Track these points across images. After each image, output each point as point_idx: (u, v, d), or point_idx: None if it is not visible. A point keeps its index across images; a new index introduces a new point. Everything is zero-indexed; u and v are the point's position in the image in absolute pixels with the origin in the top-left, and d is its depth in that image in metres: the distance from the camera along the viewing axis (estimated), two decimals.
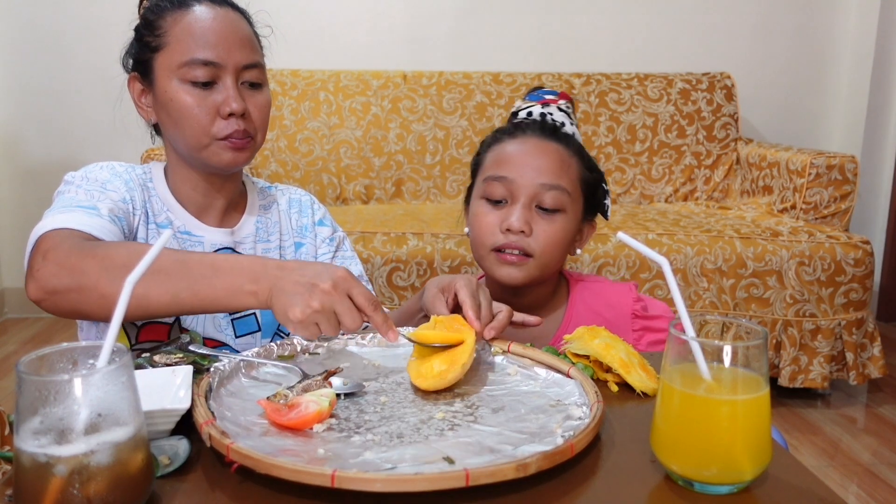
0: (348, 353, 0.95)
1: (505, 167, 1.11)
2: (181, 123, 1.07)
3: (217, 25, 1.07)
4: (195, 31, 1.06)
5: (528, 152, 1.11)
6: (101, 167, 1.12)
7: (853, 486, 1.96)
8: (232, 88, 1.07)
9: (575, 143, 1.15)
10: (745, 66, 3.23)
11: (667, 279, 0.71)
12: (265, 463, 0.62)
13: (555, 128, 1.15)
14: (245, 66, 1.08)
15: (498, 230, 1.09)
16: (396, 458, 0.66)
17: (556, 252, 1.11)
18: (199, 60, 1.05)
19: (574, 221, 1.13)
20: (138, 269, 0.70)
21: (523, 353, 0.92)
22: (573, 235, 1.14)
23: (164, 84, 1.07)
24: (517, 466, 0.62)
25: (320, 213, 1.29)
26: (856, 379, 2.42)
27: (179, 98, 1.06)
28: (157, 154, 2.28)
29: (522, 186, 1.09)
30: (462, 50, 3.16)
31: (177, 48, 1.06)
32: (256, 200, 1.24)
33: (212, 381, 0.79)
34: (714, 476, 0.64)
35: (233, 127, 1.07)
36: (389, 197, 2.92)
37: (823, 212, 2.56)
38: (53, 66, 3.06)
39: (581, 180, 1.13)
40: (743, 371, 0.65)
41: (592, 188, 1.16)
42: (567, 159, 1.12)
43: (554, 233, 1.09)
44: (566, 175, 1.11)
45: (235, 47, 1.07)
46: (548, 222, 1.10)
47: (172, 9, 1.08)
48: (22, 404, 0.56)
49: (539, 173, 1.09)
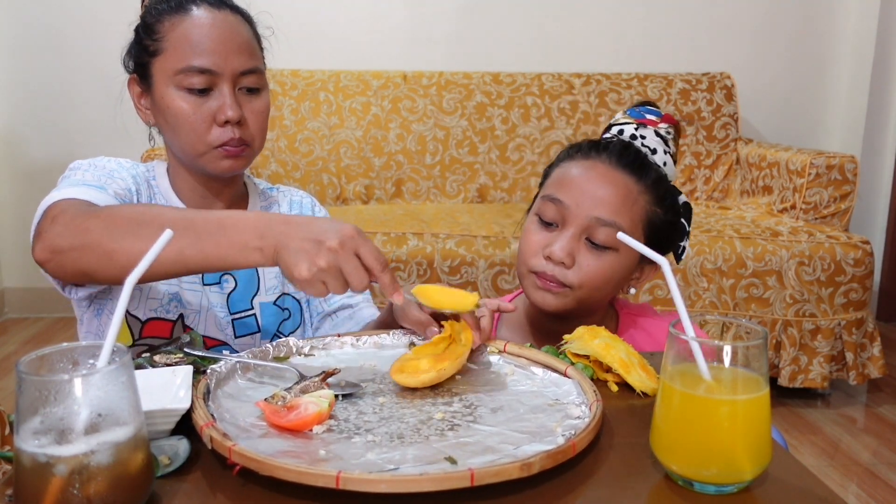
0: (344, 354, 0.95)
1: (564, 190, 1.03)
2: (178, 130, 1.07)
3: (214, 31, 1.05)
4: (192, 38, 1.05)
5: (592, 179, 1.03)
6: (109, 159, 1.13)
7: (853, 486, 1.96)
8: (228, 96, 1.06)
9: (652, 177, 1.04)
10: (745, 66, 3.23)
11: (667, 279, 0.71)
12: (268, 465, 0.61)
13: (637, 156, 1.05)
14: (242, 72, 1.07)
15: (541, 254, 1.03)
16: (398, 458, 0.66)
17: (599, 289, 1.04)
18: (195, 68, 1.04)
19: (627, 261, 1.04)
20: (139, 268, 0.70)
21: (520, 353, 0.92)
22: (624, 275, 1.05)
23: (161, 89, 1.06)
24: (521, 466, 0.62)
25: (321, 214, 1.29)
26: (856, 379, 2.42)
27: (176, 105, 1.05)
28: (158, 154, 2.28)
29: (575, 216, 1.01)
30: (462, 50, 3.16)
31: (173, 54, 1.05)
32: (258, 202, 1.24)
33: (209, 383, 0.79)
34: (714, 476, 0.64)
35: (228, 135, 1.06)
36: (389, 197, 2.92)
37: (823, 212, 2.56)
38: (53, 66, 3.06)
39: (646, 220, 1.04)
40: (743, 371, 0.65)
41: (661, 230, 1.06)
42: (635, 196, 1.03)
43: (599, 270, 1.02)
44: (628, 213, 1.02)
45: (233, 53, 1.06)
46: (595, 257, 1.02)
47: (170, 13, 1.07)
48: (22, 404, 0.56)
49: (596, 205, 1.01)
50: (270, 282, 1.20)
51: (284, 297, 1.21)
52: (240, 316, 1.16)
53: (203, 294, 1.13)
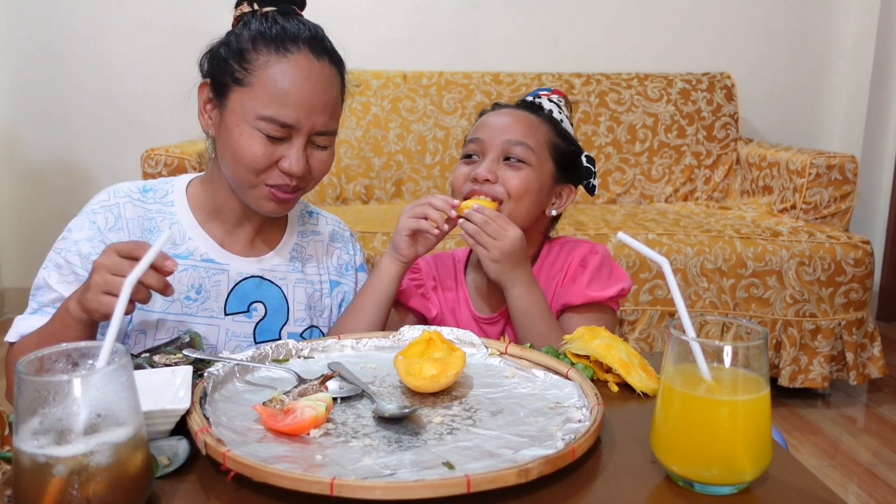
0: (344, 356, 0.95)
1: (479, 131, 1.24)
2: (238, 161, 1.03)
3: (307, 85, 1.01)
4: (283, 88, 1.00)
5: (499, 118, 1.24)
6: (88, 215, 1.09)
7: (853, 486, 1.96)
8: (299, 150, 1.03)
9: (547, 116, 1.25)
10: (745, 66, 3.23)
11: (667, 279, 0.71)
12: (262, 471, 0.61)
13: (531, 104, 1.26)
14: (319, 132, 1.05)
15: (468, 181, 1.20)
16: (395, 463, 0.66)
17: (524, 199, 1.18)
18: (279, 122, 1.00)
19: (541, 176, 1.20)
20: (138, 269, 0.70)
21: (521, 355, 0.92)
22: (543, 190, 1.21)
23: (235, 119, 1.02)
24: (519, 472, 0.62)
25: (360, 256, 1.27)
26: (856, 379, 2.42)
27: (246, 143, 1.01)
28: (158, 154, 2.28)
29: (491, 145, 1.20)
30: (462, 50, 3.16)
31: (259, 95, 1.00)
32: (297, 225, 1.21)
33: (206, 386, 0.78)
34: (714, 477, 0.64)
35: (284, 180, 1.04)
36: (389, 197, 2.92)
37: (823, 212, 2.56)
38: (53, 65, 3.05)
39: (549, 143, 1.22)
40: (743, 371, 0.65)
41: (565, 155, 1.24)
42: (535, 124, 1.22)
43: (520, 180, 1.18)
44: (533, 136, 1.21)
45: (317, 112, 1.03)
46: (514, 171, 1.19)
47: (268, 48, 1.02)
48: (21, 405, 0.56)
49: (506, 132, 1.20)
50: (299, 313, 1.17)
51: (312, 330, 1.19)
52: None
53: (220, 325, 1.11)
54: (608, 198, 2.99)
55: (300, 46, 1.03)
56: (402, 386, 0.85)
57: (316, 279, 1.20)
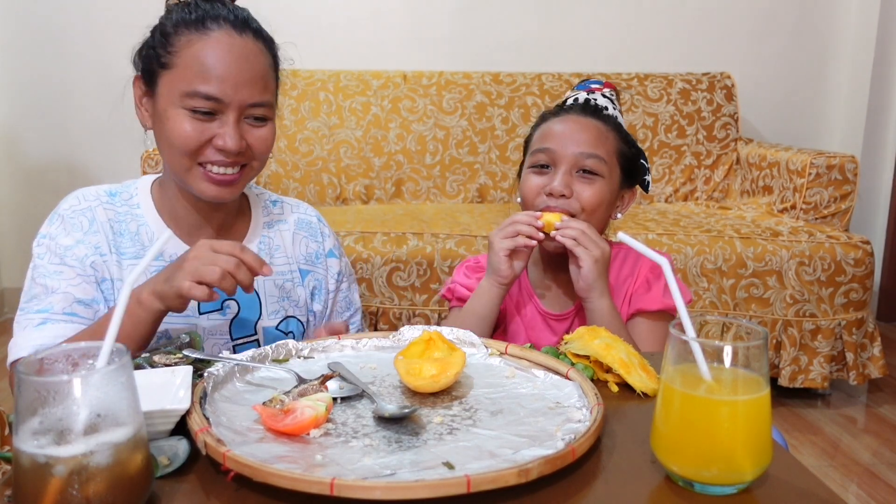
0: (344, 356, 0.95)
1: (549, 140, 1.23)
2: (172, 144, 1.04)
3: (230, 58, 1.02)
4: (204, 62, 1.02)
5: (569, 126, 1.23)
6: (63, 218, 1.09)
7: (853, 486, 1.96)
8: (231, 126, 1.03)
9: (613, 122, 1.26)
10: (745, 66, 3.22)
11: (667, 279, 0.71)
12: (262, 471, 0.61)
13: (596, 108, 1.27)
14: (251, 104, 1.05)
15: (542, 194, 1.21)
16: (395, 463, 0.66)
17: (597, 211, 1.21)
18: (202, 94, 1.01)
19: (612, 186, 1.23)
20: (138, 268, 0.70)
21: (521, 355, 0.92)
22: (612, 199, 1.24)
23: (165, 104, 1.04)
24: (519, 472, 0.62)
25: (330, 241, 1.27)
26: (856, 379, 2.42)
27: (177, 124, 1.03)
28: (158, 154, 2.28)
29: (564, 156, 1.20)
30: (462, 50, 3.16)
31: (183, 74, 1.02)
32: (261, 218, 1.21)
33: (206, 386, 0.78)
34: (714, 477, 0.64)
35: (221, 157, 1.04)
36: (389, 197, 2.92)
37: (823, 212, 2.56)
38: (53, 65, 3.05)
39: (618, 152, 1.24)
40: (743, 371, 0.65)
41: (629, 160, 1.26)
42: (605, 133, 1.23)
43: (594, 193, 1.20)
44: (603, 146, 1.22)
45: (244, 85, 1.03)
46: (587, 184, 1.20)
47: (189, 29, 1.04)
48: (21, 405, 0.56)
49: (578, 144, 1.20)
50: (272, 306, 1.18)
51: (288, 321, 1.20)
52: (242, 341, 1.16)
53: (197, 323, 1.12)
54: None
55: (220, 24, 1.05)
56: (402, 386, 0.85)
57: (286, 269, 1.21)
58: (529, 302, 1.29)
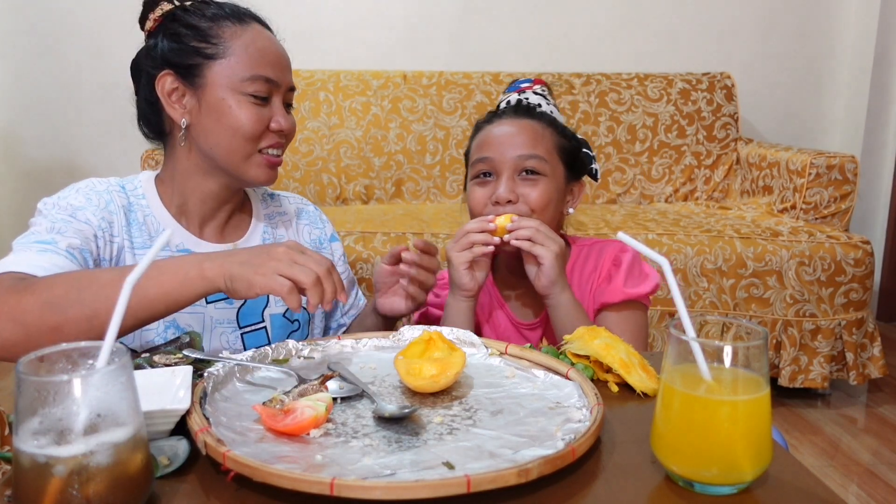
0: (344, 356, 0.95)
1: (486, 149, 1.22)
2: (236, 132, 1.07)
3: (275, 46, 1.12)
4: (260, 48, 1.09)
5: (505, 131, 1.22)
6: (79, 190, 1.09)
7: (853, 486, 1.96)
8: (281, 107, 1.11)
9: (548, 118, 1.25)
10: (745, 66, 3.23)
11: (667, 279, 0.71)
12: (262, 471, 0.61)
13: (528, 108, 1.26)
14: (290, 87, 1.13)
15: (489, 203, 1.20)
16: (395, 463, 0.66)
17: (547, 210, 1.20)
18: (264, 77, 1.08)
19: (557, 182, 1.22)
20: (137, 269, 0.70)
21: (521, 355, 0.92)
22: (560, 195, 1.23)
23: (220, 92, 1.07)
24: (519, 472, 0.62)
25: (329, 226, 1.31)
26: (856, 379, 2.42)
27: (238, 111, 1.07)
28: (158, 154, 2.28)
29: (503, 162, 1.19)
30: (462, 50, 3.16)
31: (240, 60, 1.07)
32: (261, 210, 1.24)
33: (206, 386, 0.78)
34: (714, 477, 0.64)
35: (276, 140, 1.11)
36: (389, 197, 2.92)
37: (823, 212, 2.56)
38: (53, 66, 3.05)
39: (557, 147, 1.23)
40: (743, 371, 0.65)
41: (570, 154, 1.26)
42: (541, 131, 1.22)
43: (540, 193, 1.19)
44: (541, 144, 1.21)
45: (287, 69, 1.13)
46: (532, 186, 1.19)
47: (229, 21, 1.09)
48: (21, 405, 0.56)
49: (516, 147, 1.20)
50: None
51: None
52: (250, 329, 1.16)
53: (205, 313, 1.12)
54: (608, 198, 3.00)
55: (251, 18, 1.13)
56: (402, 386, 0.85)
57: None
58: (500, 310, 1.28)
